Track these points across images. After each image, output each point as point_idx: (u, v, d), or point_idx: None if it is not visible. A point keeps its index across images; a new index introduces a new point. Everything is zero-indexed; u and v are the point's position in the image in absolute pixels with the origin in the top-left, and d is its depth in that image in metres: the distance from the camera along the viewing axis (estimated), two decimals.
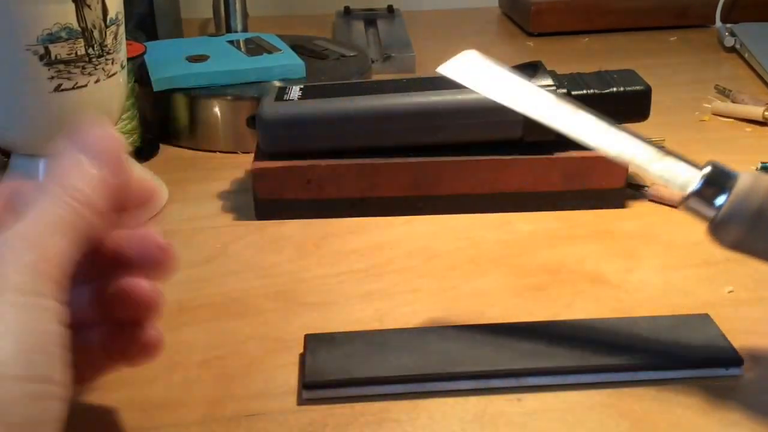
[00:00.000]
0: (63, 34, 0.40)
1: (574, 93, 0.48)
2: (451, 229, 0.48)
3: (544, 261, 0.44)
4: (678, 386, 0.34)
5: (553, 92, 0.36)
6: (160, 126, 0.61)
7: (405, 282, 0.42)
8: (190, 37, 0.81)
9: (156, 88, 0.59)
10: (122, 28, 0.44)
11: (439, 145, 0.49)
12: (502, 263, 0.44)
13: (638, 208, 0.50)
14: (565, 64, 0.58)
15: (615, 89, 0.49)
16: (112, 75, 0.44)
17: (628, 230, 0.47)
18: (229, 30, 0.81)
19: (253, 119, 0.49)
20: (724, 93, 0.69)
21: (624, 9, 0.92)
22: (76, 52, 0.41)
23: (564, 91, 0.48)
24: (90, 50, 0.42)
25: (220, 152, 0.60)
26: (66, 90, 0.41)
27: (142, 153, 0.58)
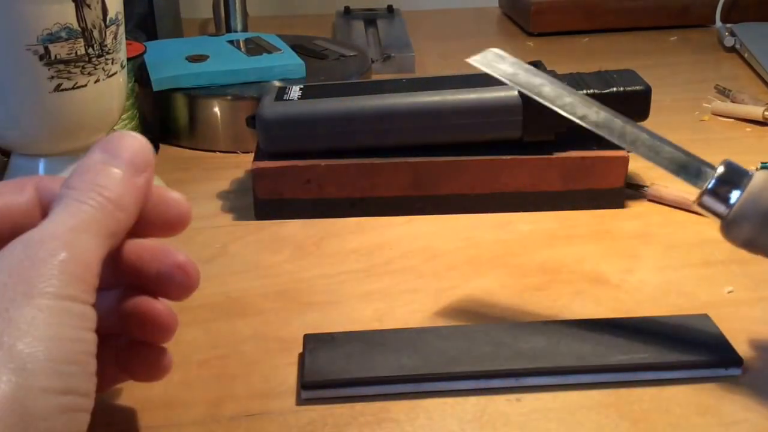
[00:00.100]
0: (63, 34, 0.40)
1: None
2: (450, 229, 0.48)
3: (543, 261, 0.44)
4: (678, 386, 0.34)
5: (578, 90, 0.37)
6: (160, 126, 0.61)
7: (404, 282, 0.42)
8: (190, 37, 0.81)
9: (156, 88, 0.59)
10: (122, 28, 0.44)
11: (439, 145, 0.49)
12: (502, 263, 0.44)
13: (638, 208, 0.50)
14: (565, 64, 0.58)
15: (615, 89, 0.49)
16: (112, 75, 0.44)
17: (627, 230, 0.47)
18: (229, 30, 0.81)
19: (253, 119, 0.49)
20: (724, 93, 0.69)
21: (624, 9, 0.92)
22: (76, 52, 0.41)
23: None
24: (90, 50, 0.42)
25: (220, 152, 0.60)
26: (66, 90, 0.41)
27: None
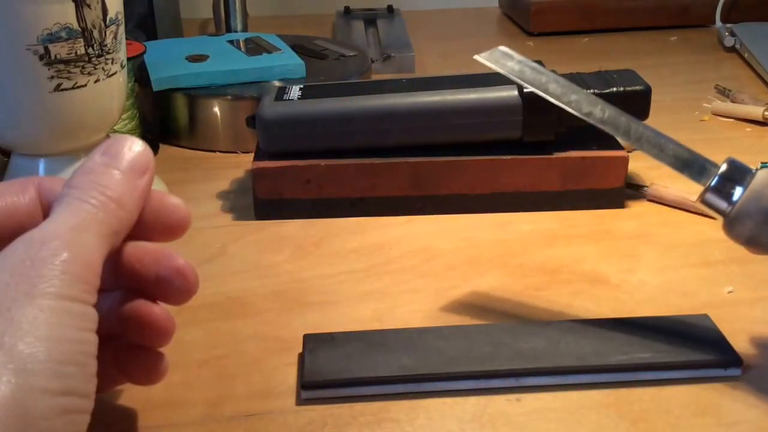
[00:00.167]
0: (63, 34, 0.40)
1: None
2: (450, 229, 0.48)
3: (543, 261, 0.44)
4: (677, 386, 0.34)
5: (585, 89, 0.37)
6: (159, 126, 0.61)
7: (404, 282, 0.42)
8: (190, 37, 0.81)
9: (156, 88, 0.59)
10: (122, 28, 0.44)
11: (438, 145, 0.49)
12: (502, 263, 0.44)
13: (637, 208, 0.50)
14: (565, 64, 0.58)
15: (615, 89, 0.49)
16: (112, 75, 0.44)
17: (627, 230, 0.47)
18: (229, 30, 0.81)
19: (253, 119, 0.49)
20: (724, 93, 0.69)
21: (624, 9, 0.92)
22: (76, 52, 0.41)
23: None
24: (90, 50, 0.42)
25: (220, 152, 0.60)
26: (66, 90, 0.41)
27: None
